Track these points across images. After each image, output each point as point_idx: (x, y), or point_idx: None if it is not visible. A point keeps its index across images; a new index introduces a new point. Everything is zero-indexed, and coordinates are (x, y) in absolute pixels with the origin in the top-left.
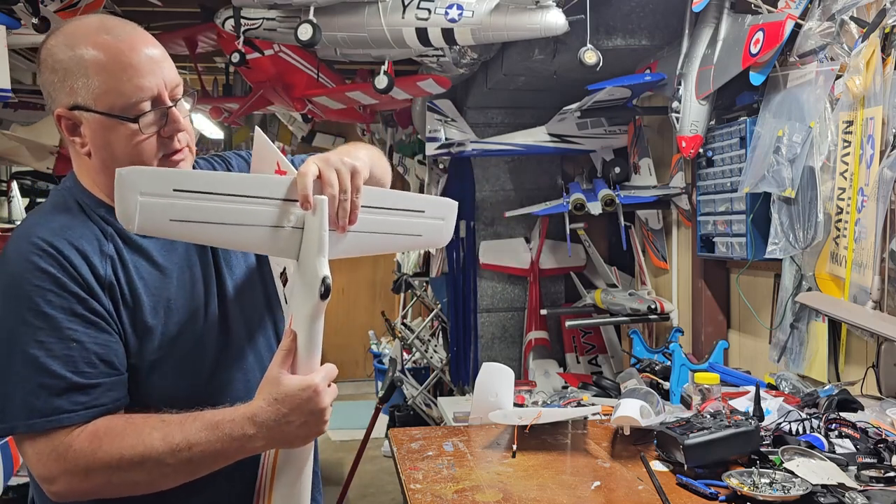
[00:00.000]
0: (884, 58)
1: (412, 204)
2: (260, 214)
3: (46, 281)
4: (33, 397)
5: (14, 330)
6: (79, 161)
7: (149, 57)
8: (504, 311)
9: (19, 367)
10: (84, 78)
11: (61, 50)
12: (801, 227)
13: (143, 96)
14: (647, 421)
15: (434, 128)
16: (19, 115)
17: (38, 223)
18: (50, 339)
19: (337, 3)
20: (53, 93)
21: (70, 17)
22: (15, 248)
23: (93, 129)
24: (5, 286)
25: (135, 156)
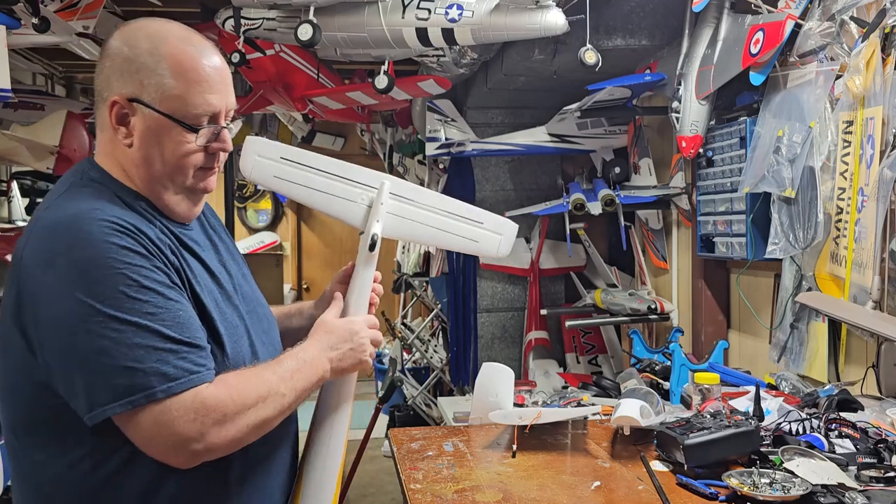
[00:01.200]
0: (884, 58)
1: (472, 215)
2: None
3: (135, 257)
4: (161, 364)
5: (120, 308)
6: (112, 150)
7: (222, 78)
8: (504, 311)
9: (137, 340)
10: (158, 77)
11: (143, 43)
12: (801, 227)
13: (207, 111)
14: (647, 421)
15: (434, 128)
16: (19, 115)
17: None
18: (158, 309)
19: (337, 3)
20: (114, 79)
21: (70, 17)
22: (84, 230)
23: (146, 125)
24: (92, 268)
25: (178, 160)
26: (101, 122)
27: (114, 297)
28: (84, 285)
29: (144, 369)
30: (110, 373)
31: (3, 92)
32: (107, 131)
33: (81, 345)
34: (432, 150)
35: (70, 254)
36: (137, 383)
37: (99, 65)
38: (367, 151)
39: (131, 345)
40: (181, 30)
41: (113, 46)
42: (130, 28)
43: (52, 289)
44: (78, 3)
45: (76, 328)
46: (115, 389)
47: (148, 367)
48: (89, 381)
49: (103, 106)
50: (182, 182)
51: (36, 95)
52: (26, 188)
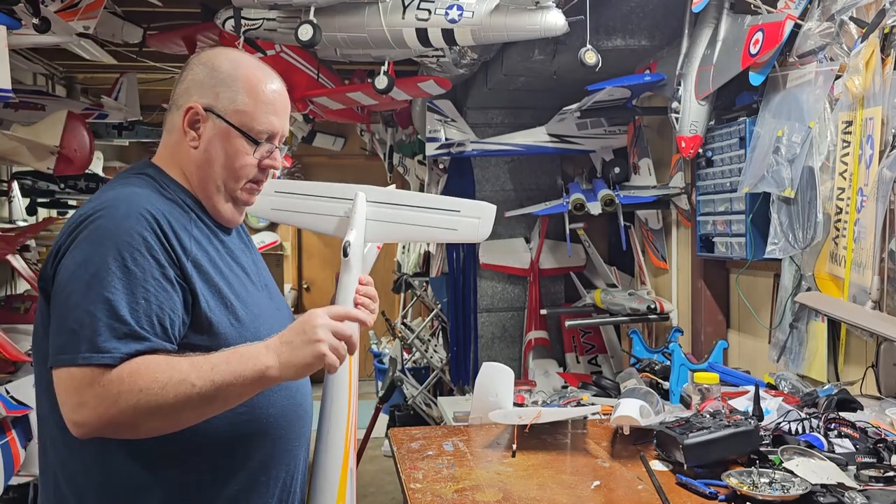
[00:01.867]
0: (883, 58)
1: (447, 204)
2: (323, 207)
3: (138, 242)
4: (97, 335)
5: (98, 273)
6: (176, 151)
7: (284, 107)
8: (504, 311)
9: (92, 306)
10: (233, 92)
11: (225, 62)
12: (800, 227)
13: (268, 130)
14: (647, 421)
15: (434, 128)
16: (19, 115)
17: (145, 198)
18: (125, 289)
19: (337, 4)
20: (194, 89)
21: (71, 17)
22: (125, 208)
23: (214, 133)
24: (104, 235)
25: (235, 167)
26: (171, 126)
27: (99, 266)
28: (87, 249)
29: (80, 334)
30: (60, 328)
31: (4, 92)
32: (175, 134)
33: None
34: (432, 150)
35: (97, 222)
36: (71, 345)
37: (180, 77)
38: (367, 151)
39: (84, 310)
40: (256, 59)
41: (197, 63)
42: (215, 50)
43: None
44: (78, 4)
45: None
46: (55, 345)
47: (84, 333)
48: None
49: (177, 112)
50: (233, 189)
51: (36, 95)
52: (27, 188)
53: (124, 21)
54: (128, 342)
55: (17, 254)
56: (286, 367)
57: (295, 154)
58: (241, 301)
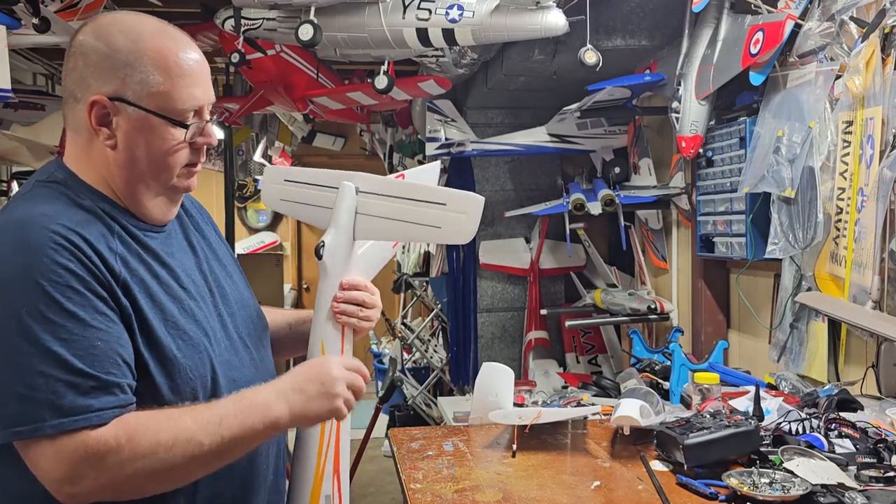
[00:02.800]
0: (883, 58)
1: (434, 196)
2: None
3: (68, 277)
4: (57, 397)
5: (30, 327)
6: (88, 152)
7: (203, 71)
8: (504, 311)
9: (41, 366)
10: (140, 74)
11: (120, 39)
12: (800, 227)
13: (192, 106)
14: (647, 421)
15: (434, 128)
16: (19, 115)
17: (44, 213)
18: (73, 336)
19: (337, 4)
20: (91, 78)
21: (70, 17)
22: (26, 237)
23: (131, 124)
24: (19, 277)
25: (165, 157)
26: (76, 124)
27: (31, 314)
28: (8, 293)
29: (38, 399)
30: (5, 396)
31: (4, 92)
32: (83, 133)
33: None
34: (432, 150)
35: (6, 259)
36: (28, 414)
37: (68, 63)
38: (367, 151)
39: (32, 371)
40: (156, 23)
41: (85, 43)
42: (100, 23)
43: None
44: (78, 4)
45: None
46: (6, 417)
47: (43, 398)
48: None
49: (78, 107)
50: (166, 181)
51: (36, 95)
52: None
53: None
54: (98, 395)
55: None
56: (298, 417)
57: (295, 154)
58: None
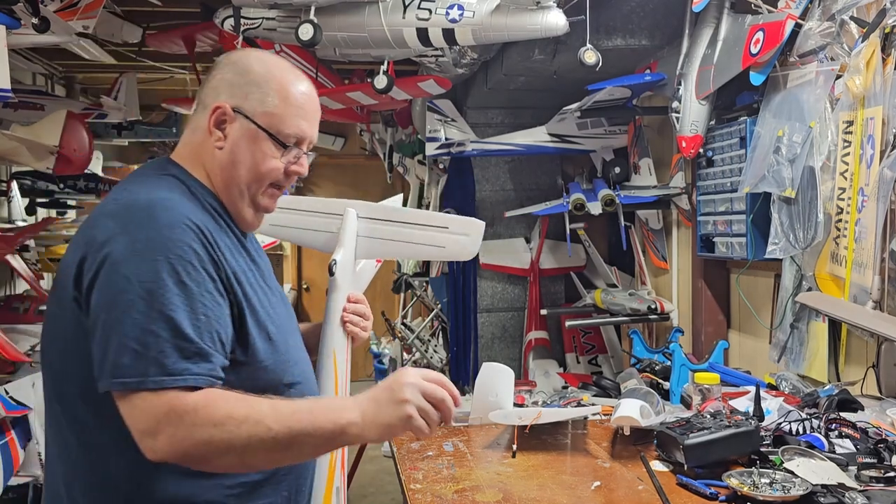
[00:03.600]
0: (884, 58)
1: (436, 221)
2: (317, 223)
3: (191, 255)
4: (163, 356)
5: (153, 289)
6: (201, 151)
7: (315, 112)
8: (504, 311)
9: (153, 326)
10: (262, 94)
11: (256, 63)
12: (801, 227)
13: (296, 134)
14: (647, 421)
15: (434, 128)
16: (19, 115)
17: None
18: (185, 304)
19: (337, 3)
20: (223, 88)
21: (70, 17)
22: (166, 217)
23: (241, 134)
24: (147, 249)
25: (261, 170)
26: (196, 125)
27: (152, 281)
28: (134, 262)
29: (147, 356)
30: (119, 349)
31: (3, 92)
32: (199, 133)
33: (110, 314)
34: (432, 150)
35: (136, 232)
36: (137, 367)
37: (209, 76)
38: (367, 151)
39: (146, 329)
40: (290, 64)
41: (227, 63)
42: (245, 51)
43: (115, 255)
44: (78, 3)
45: (113, 299)
46: (117, 367)
47: (151, 355)
48: (105, 349)
49: (203, 111)
50: (255, 193)
51: (36, 95)
52: (26, 188)
53: (124, 21)
54: (197, 362)
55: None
56: (369, 425)
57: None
58: (269, 315)
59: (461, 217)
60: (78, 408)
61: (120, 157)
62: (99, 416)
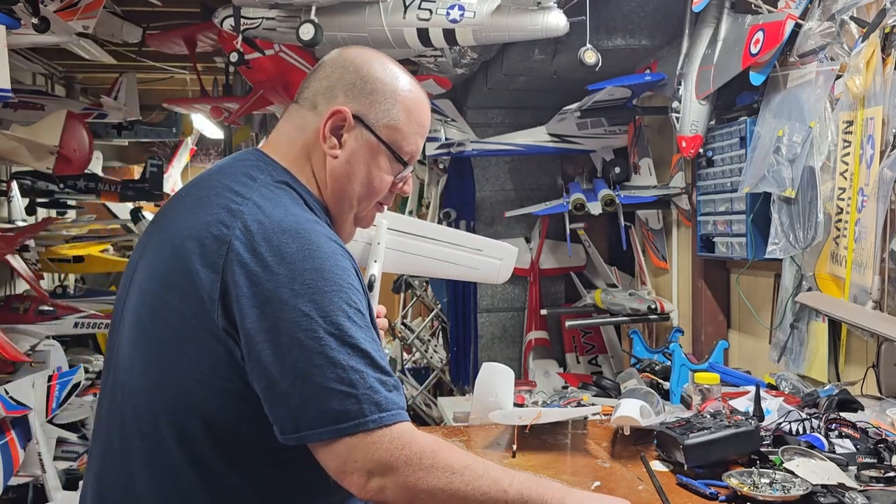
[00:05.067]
0: (884, 58)
1: (471, 242)
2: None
3: (355, 280)
4: (373, 392)
5: (341, 327)
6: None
7: (427, 129)
8: (504, 311)
9: (353, 363)
10: (388, 105)
11: (381, 70)
12: (801, 227)
13: (413, 151)
14: (647, 421)
15: (434, 128)
16: (19, 115)
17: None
18: (371, 337)
19: (338, 3)
20: (342, 91)
21: (70, 16)
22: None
23: (360, 144)
24: (321, 280)
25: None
26: (304, 124)
27: (337, 315)
28: (311, 295)
29: (358, 395)
30: (323, 393)
31: (3, 92)
32: (309, 134)
33: (298, 356)
34: (432, 150)
35: (303, 261)
36: (350, 409)
37: (322, 72)
38: None
39: (347, 367)
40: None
41: (346, 60)
42: (364, 54)
43: (280, 289)
44: (78, 3)
45: (297, 336)
46: (326, 413)
47: (361, 393)
48: (299, 397)
49: (313, 111)
50: (364, 208)
51: (36, 95)
52: (26, 188)
53: (124, 21)
54: (397, 394)
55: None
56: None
57: None
58: None
59: (495, 241)
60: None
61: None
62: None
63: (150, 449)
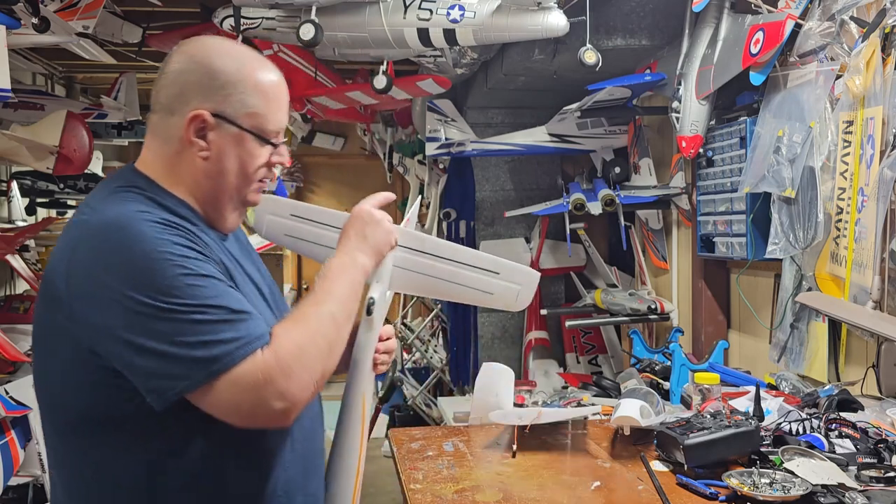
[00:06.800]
0: (884, 58)
1: (486, 264)
2: None
3: (187, 251)
4: (233, 331)
5: (183, 295)
6: (178, 162)
7: (286, 97)
8: (504, 311)
9: (206, 316)
10: (243, 95)
11: (225, 62)
12: (801, 227)
13: (279, 128)
14: (647, 421)
15: (434, 128)
16: (19, 115)
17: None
18: (218, 291)
19: (338, 3)
20: (193, 93)
21: (70, 17)
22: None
23: (226, 139)
24: (150, 263)
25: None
26: (167, 135)
27: (176, 287)
28: (146, 280)
29: (220, 339)
30: (188, 348)
31: (3, 92)
32: (174, 144)
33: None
34: (432, 150)
35: (127, 252)
36: (216, 352)
37: (168, 77)
38: (367, 151)
39: (202, 321)
40: (253, 52)
41: (187, 61)
42: (204, 46)
43: (114, 288)
44: (78, 3)
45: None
46: (195, 363)
47: (222, 336)
48: (168, 361)
49: (173, 118)
50: (245, 194)
51: (36, 95)
52: (26, 188)
53: (124, 21)
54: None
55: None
56: (374, 253)
57: (295, 154)
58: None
59: (514, 264)
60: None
61: (120, 157)
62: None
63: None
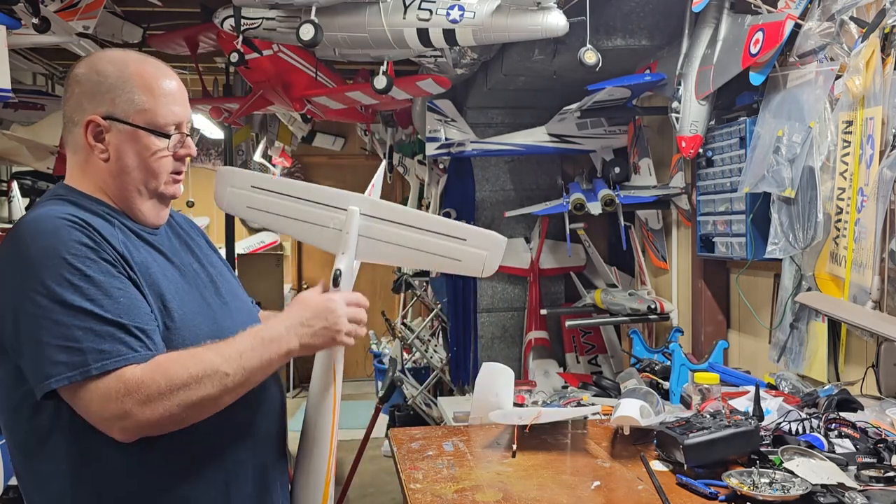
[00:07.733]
0: (883, 58)
1: (452, 230)
2: (310, 214)
3: (81, 248)
4: (99, 343)
5: (61, 293)
6: (86, 168)
7: (181, 91)
8: (504, 311)
9: (77, 322)
10: (128, 94)
11: (109, 66)
12: (800, 227)
13: (173, 120)
14: (647, 421)
15: (434, 128)
16: (19, 115)
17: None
18: (99, 295)
19: (338, 4)
20: (86, 102)
21: (70, 17)
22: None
23: (121, 139)
24: (41, 257)
25: (153, 165)
26: (75, 145)
27: (58, 284)
28: (34, 274)
29: (82, 348)
30: (53, 350)
31: (3, 92)
32: (80, 152)
33: (31, 328)
34: (432, 150)
35: (24, 248)
36: (76, 360)
37: (67, 93)
38: (367, 151)
39: (72, 326)
40: (138, 54)
41: (80, 74)
42: (92, 57)
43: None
44: (78, 3)
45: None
46: (57, 365)
47: (86, 346)
48: (37, 358)
49: (76, 129)
50: (155, 187)
51: (36, 95)
52: (26, 188)
53: (124, 21)
54: (132, 340)
55: None
56: (306, 347)
57: (295, 154)
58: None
59: (481, 229)
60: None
61: None
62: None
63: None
